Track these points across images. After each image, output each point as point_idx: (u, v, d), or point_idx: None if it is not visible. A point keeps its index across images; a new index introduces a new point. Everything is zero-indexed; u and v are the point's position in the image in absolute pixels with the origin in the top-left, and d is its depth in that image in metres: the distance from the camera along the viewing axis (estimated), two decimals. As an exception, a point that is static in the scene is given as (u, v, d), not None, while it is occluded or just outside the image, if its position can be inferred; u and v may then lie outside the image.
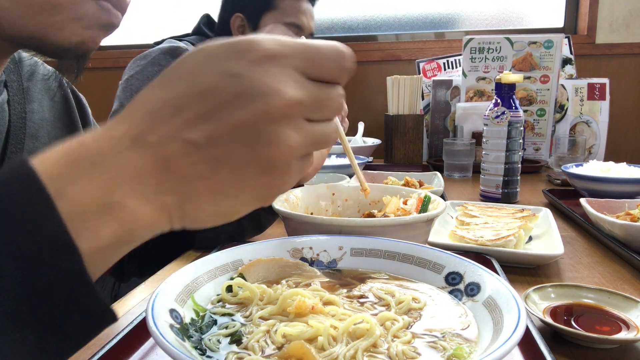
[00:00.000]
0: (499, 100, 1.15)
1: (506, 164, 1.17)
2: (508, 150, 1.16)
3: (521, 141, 1.17)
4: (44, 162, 0.29)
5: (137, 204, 0.30)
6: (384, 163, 1.81)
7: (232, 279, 0.52)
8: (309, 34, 1.49)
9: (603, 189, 1.13)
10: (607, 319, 0.54)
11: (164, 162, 0.30)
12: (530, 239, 0.85)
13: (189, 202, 0.32)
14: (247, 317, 0.47)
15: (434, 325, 0.46)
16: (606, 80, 1.81)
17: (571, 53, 2.01)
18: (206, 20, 1.58)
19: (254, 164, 0.31)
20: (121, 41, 2.47)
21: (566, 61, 1.99)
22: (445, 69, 2.10)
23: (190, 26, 1.61)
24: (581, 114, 1.81)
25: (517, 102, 1.16)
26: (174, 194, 0.31)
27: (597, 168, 1.24)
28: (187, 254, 0.84)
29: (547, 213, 0.93)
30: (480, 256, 0.71)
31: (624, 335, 0.51)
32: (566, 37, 2.00)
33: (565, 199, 1.13)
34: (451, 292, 0.51)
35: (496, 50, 1.80)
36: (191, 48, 1.45)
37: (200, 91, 0.31)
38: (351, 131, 1.99)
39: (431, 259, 0.55)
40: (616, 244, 0.80)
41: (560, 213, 1.08)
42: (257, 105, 0.31)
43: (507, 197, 1.18)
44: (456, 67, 2.09)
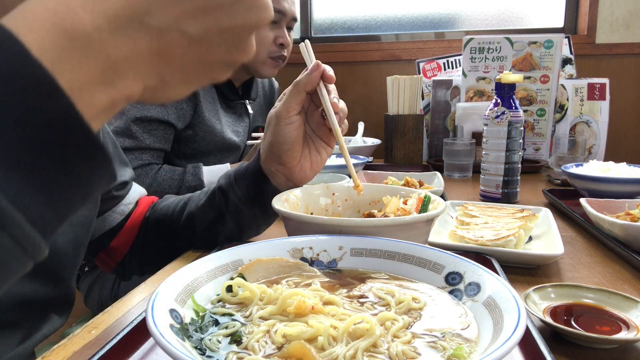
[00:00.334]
0: (499, 100, 1.15)
1: (506, 164, 1.17)
2: (508, 150, 1.16)
3: (521, 141, 1.17)
4: (32, 31, 0.27)
5: (127, 84, 0.31)
6: (384, 163, 1.81)
7: (232, 279, 0.52)
8: (292, 19, 1.50)
9: (603, 189, 1.13)
10: (607, 319, 0.54)
11: (158, 48, 0.31)
12: (530, 239, 0.85)
13: (162, 87, 0.34)
14: (247, 317, 0.47)
15: (434, 325, 0.46)
16: (606, 80, 1.81)
17: (571, 53, 2.01)
18: None
19: (223, 64, 0.35)
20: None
21: (566, 61, 1.99)
22: (445, 69, 2.10)
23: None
24: (581, 114, 1.82)
25: (517, 102, 1.16)
26: (156, 78, 0.33)
27: (597, 168, 1.24)
28: (187, 254, 0.84)
29: (547, 213, 0.93)
30: (480, 256, 0.71)
31: (624, 335, 0.51)
32: (566, 37, 2.00)
33: (565, 199, 1.12)
34: (451, 292, 0.51)
35: (496, 50, 1.80)
36: None
37: None
38: (351, 131, 1.99)
39: (431, 259, 0.55)
40: (616, 244, 0.80)
41: (560, 213, 1.08)
42: (251, 15, 0.34)
43: (507, 197, 1.18)
44: (456, 67, 2.09)
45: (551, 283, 0.61)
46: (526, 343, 0.48)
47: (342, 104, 0.79)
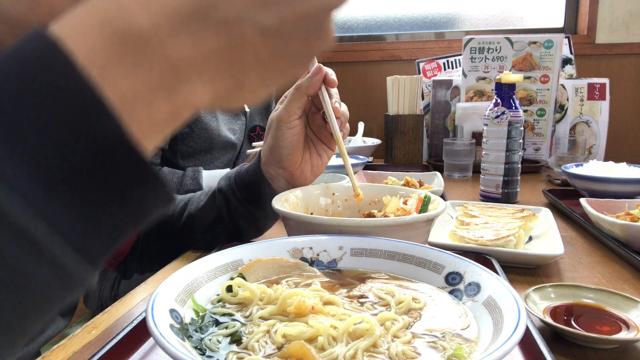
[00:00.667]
0: (499, 100, 1.15)
1: (506, 164, 1.17)
2: (508, 150, 1.16)
3: (521, 141, 1.17)
4: (80, 34, 0.24)
5: (192, 89, 0.27)
6: (384, 163, 1.81)
7: (232, 279, 0.52)
8: None
9: (603, 189, 1.13)
10: (607, 319, 0.54)
11: (228, 46, 0.27)
12: (530, 239, 0.85)
13: (236, 90, 0.29)
14: (247, 317, 0.47)
15: (434, 325, 0.46)
16: (606, 80, 1.81)
17: (571, 53, 2.01)
18: None
19: (302, 56, 0.30)
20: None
21: (566, 61, 1.99)
22: (445, 69, 2.10)
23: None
24: (581, 114, 1.82)
25: (517, 102, 1.16)
26: (227, 80, 0.29)
27: (597, 168, 1.24)
28: (187, 254, 0.84)
29: (547, 213, 0.93)
30: (480, 256, 0.71)
31: (624, 335, 0.51)
32: (566, 37, 2.00)
33: (565, 199, 1.12)
34: (451, 292, 0.51)
35: (496, 50, 1.80)
36: None
37: None
38: (351, 131, 1.99)
39: (431, 259, 0.55)
40: (616, 244, 0.80)
41: (560, 213, 1.08)
42: None
43: (507, 197, 1.18)
44: (456, 67, 2.09)
45: (551, 283, 0.61)
46: (526, 343, 0.48)
47: (343, 108, 0.78)
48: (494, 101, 1.16)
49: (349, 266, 0.59)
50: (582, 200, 0.95)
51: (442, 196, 1.11)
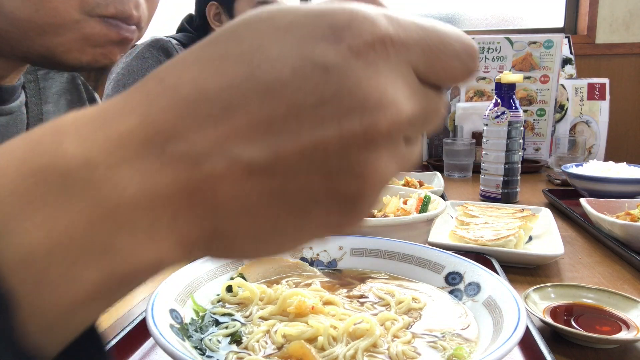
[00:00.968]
0: (499, 100, 1.15)
1: (506, 164, 1.17)
2: (508, 150, 1.16)
3: (521, 141, 1.17)
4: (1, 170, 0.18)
5: (140, 245, 0.19)
6: (384, 163, 1.81)
7: (232, 279, 0.52)
8: None
9: (603, 189, 1.13)
10: (607, 319, 0.54)
11: (195, 186, 0.20)
12: (530, 239, 0.85)
13: (222, 239, 0.21)
14: (247, 317, 0.47)
15: (434, 325, 0.46)
16: (606, 80, 1.81)
17: (571, 53, 2.01)
18: (188, 19, 1.58)
19: (329, 199, 0.21)
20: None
21: (566, 61, 1.99)
22: (445, 69, 2.10)
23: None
24: (581, 114, 1.81)
25: (517, 102, 1.16)
26: (201, 227, 0.21)
27: (597, 168, 1.24)
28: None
29: (547, 213, 0.93)
30: (480, 256, 0.71)
31: (624, 335, 0.51)
32: (566, 37, 2.00)
33: (565, 199, 1.12)
34: (451, 292, 0.51)
35: (496, 50, 1.80)
36: (175, 44, 1.46)
37: (267, 84, 0.19)
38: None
39: (431, 259, 0.55)
40: (616, 244, 0.80)
41: (560, 213, 1.08)
42: (355, 120, 0.20)
43: (507, 197, 1.18)
44: (456, 67, 2.09)
45: (551, 283, 0.61)
46: (526, 343, 0.48)
47: None
48: (494, 101, 1.16)
49: (349, 266, 0.59)
50: (582, 200, 0.95)
51: (442, 196, 1.11)
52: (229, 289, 0.51)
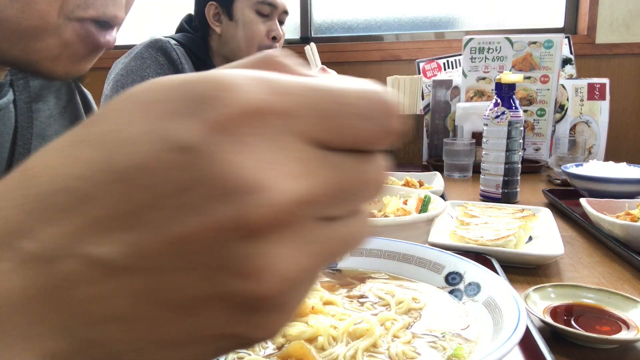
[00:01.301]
0: (499, 100, 1.15)
1: (506, 164, 1.17)
2: (508, 150, 1.16)
3: (521, 141, 1.17)
4: None
5: None
6: (384, 163, 1.81)
7: (232, 279, 0.52)
8: (283, 12, 1.50)
9: (603, 189, 1.13)
10: (607, 319, 0.54)
11: (51, 289, 0.17)
12: (530, 239, 0.85)
13: (100, 351, 0.18)
14: (247, 317, 0.47)
15: (434, 325, 0.46)
16: (606, 80, 1.81)
17: (571, 53, 2.01)
18: (188, 19, 1.58)
19: (221, 301, 0.18)
20: (124, 41, 2.47)
21: (566, 61, 1.99)
22: (445, 69, 2.10)
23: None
24: (581, 114, 1.82)
25: (517, 102, 1.16)
26: (64, 337, 0.18)
27: (597, 168, 1.24)
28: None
29: (547, 213, 0.93)
30: (480, 256, 0.71)
31: (624, 335, 0.51)
32: (566, 37, 2.00)
33: (565, 199, 1.12)
34: (451, 292, 0.51)
35: (496, 50, 1.80)
36: (174, 44, 1.46)
37: (122, 170, 0.17)
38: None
39: (431, 259, 0.55)
40: (616, 244, 0.80)
41: (560, 213, 1.08)
42: (222, 208, 0.17)
43: (507, 197, 1.18)
44: (456, 67, 2.09)
45: (551, 283, 0.61)
46: (526, 343, 0.48)
47: None
48: (494, 101, 1.16)
49: (349, 266, 0.59)
50: (582, 200, 0.95)
51: (442, 196, 1.11)
52: (229, 289, 0.51)
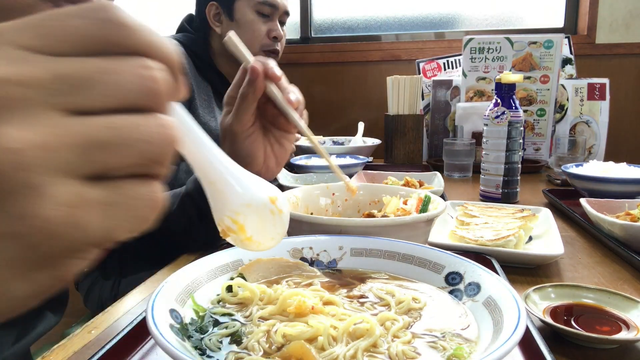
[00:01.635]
0: (499, 100, 1.15)
1: (506, 164, 1.17)
2: (508, 150, 1.16)
3: (521, 141, 1.17)
4: None
5: None
6: (384, 163, 1.81)
7: (232, 279, 0.52)
8: (284, 13, 1.50)
9: (603, 189, 1.13)
10: (607, 319, 0.54)
11: None
12: (530, 239, 0.85)
13: None
14: (247, 317, 0.47)
15: (434, 325, 0.46)
16: (606, 80, 1.81)
17: (571, 53, 2.01)
18: (189, 19, 1.58)
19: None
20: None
21: (566, 61, 1.99)
22: (445, 69, 2.10)
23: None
24: (581, 114, 1.81)
25: (517, 102, 1.16)
26: None
27: (597, 168, 1.24)
28: (186, 255, 0.84)
29: (547, 213, 0.93)
30: (480, 256, 0.71)
31: (624, 335, 0.51)
32: (566, 37, 2.00)
33: (565, 199, 1.12)
34: (451, 292, 0.51)
35: (496, 50, 1.80)
36: (174, 44, 1.45)
37: None
38: (351, 131, 1.99)
39: (431, 259, 0.55)
40: (616, 244, 0.80)
41: (560, 213, 1.08)
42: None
43: (507, 197, 1.18)
44: (456, 67, 2.09)
45: (551, 283, 0.61)
46: (526, 343, 0.48)
47: (296, 94, 0.71)
48: (494, 101, 1.16)
49: (349, 266, 0.59)
50: (582, 200, 0.95)
51: (442, 196, 1.11)
52: (229, 289, 0.51)
